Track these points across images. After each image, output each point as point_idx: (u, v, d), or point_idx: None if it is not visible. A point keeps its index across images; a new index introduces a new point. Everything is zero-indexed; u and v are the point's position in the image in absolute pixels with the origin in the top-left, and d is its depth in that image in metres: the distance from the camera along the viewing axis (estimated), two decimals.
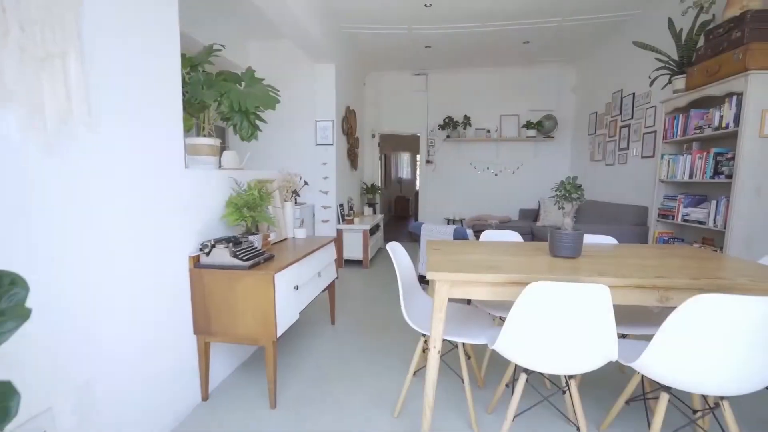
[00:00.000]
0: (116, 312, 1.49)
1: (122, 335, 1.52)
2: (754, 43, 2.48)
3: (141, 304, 1.62)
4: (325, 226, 4.87)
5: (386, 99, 6.83)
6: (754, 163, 2.57)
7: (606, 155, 5.13)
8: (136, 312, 1.59)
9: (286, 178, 2.81)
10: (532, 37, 4.93)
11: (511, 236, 2.48)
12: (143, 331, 1.63)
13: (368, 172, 7.01)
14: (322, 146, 4.73)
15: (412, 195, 12.20)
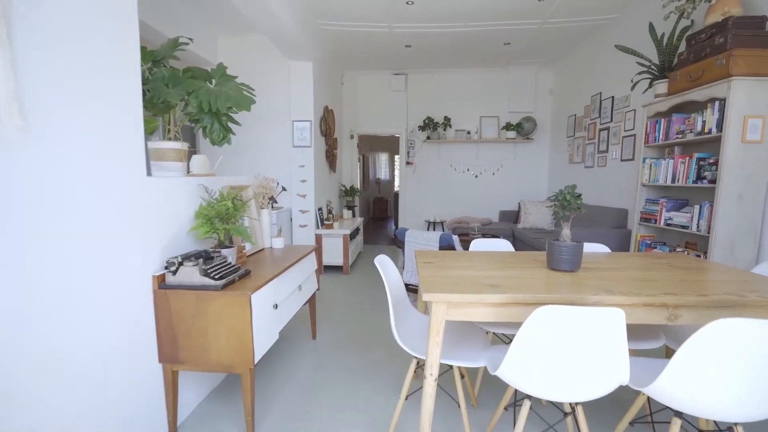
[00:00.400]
0: (66, 348, 1.27)
1: (74, 372, 1.30)
2: (737, 49, 2.49)
3: (96, 334, 1.39)
4: (303, 231, 4.66)
5: (365, 99, 6.67)
6: (737, 168, 2.58)
7: (585, 158, 5.17)
8: (91, 344, 1.37)
9: (262, 184, 2.61)
10: (513, 38, 4.90)
11: (502, 245, 2.38)
12: (100, 365, 1.41)
13: (347, 174, 6.83)
14: (300, 148, 4.52)
15: (390, 196, 12.09)
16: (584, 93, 5.21)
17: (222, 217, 1.90)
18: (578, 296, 1.35)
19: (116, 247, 1.49)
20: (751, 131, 2.56)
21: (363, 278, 4.62)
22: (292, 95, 4.44)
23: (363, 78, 6.62)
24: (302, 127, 4.46)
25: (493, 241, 2.38)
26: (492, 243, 2.38)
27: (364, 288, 4.20)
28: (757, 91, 2.54)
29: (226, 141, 1.88)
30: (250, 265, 2.10)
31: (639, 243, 3.50)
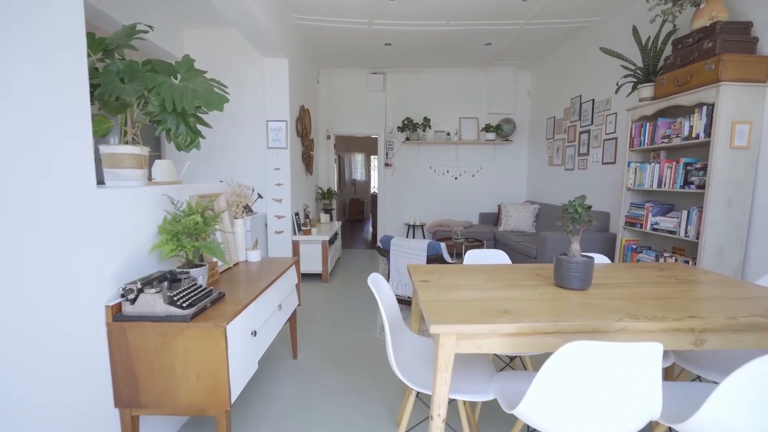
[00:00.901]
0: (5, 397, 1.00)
1: (17, 424, 1.03)
2: (725, 54, 2.47)
3: (35, 382, 1.12)
4: (279, 237, 4.39)
5: (342, 98, 6.44)
6: (726, 174, 2.57)
7: (565, 160, 5.18)
8: (35, 390, 1.10)
9: (236, 192, 2.35)
10: (495, 38, 4.82)
11: (497, 256, 2.24)
12: (41, 419, 1.14)
13: (323, 176, 6.58)
14: (275, 149, 4.25)
15: (367, 197, 11.89)
16: (563, 95, 5.21)
17: (190, 233, 1.64)
18: (602, 323, 1.22)
19: (59, 275, 1.22)
20: (738, 137, 2.55)
21: (343, 286, 4.40)
22: (266, 94, 4.15)
23: (340, 76, 6.39)
24: (277, 127, 4.19)
25: (487, 252, 2.24)
26: (486, 254, 2.24)
27: (345, 297, 3.99)
28: (744, 97, 2.53)
29: (195, 146, 1.63)
30: (223, 285, 1.86)
31: (624, 248, 3.48)
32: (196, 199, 1.92)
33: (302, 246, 4.48)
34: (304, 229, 4.50)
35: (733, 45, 2.52)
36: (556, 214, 5.12)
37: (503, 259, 2.23)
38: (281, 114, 4.20)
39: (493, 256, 2.23)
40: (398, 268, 3.06)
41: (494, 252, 2.24)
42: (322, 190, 6.09)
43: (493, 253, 2.24)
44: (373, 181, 12.18)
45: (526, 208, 5.57)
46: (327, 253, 4.52)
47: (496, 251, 2.25)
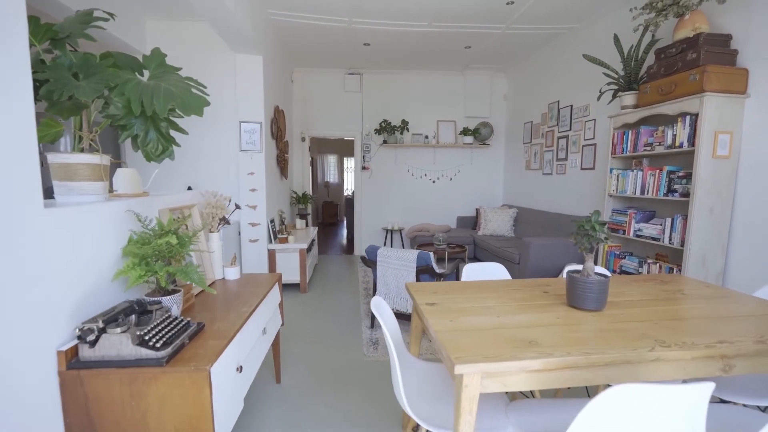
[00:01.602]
0: None
1: None
2: (710, 66, 2.51)
3: None
4: (254, 246, 4.11)
5: (317, 99, 6.20)
6: (709, 183, 2.62)
7: (543, 165, 5.23)
8: None
9: (212, 203, 2.11)
10: (475, 42, 4.78)
11: (496, 270, 2.14)
12: None
13: (298, 180, 6.31)
14: (249, 153, 3.97)
15: (340, 200, 11.66)
16: (541, 100, 5.26)
17: (162, 255, 1.41)
18: (634, 353, 1.13)
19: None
20: (721, 146, 2.60)
21: (323, 296, 4.19)
22: (238, 93, 3.87)
23: (315, 76, 6.15)
24: (251, 129, 3.92)
25: (486, 266, 2.14)
26: (485, 268, 2.13)
27: (326, 309, 3.79)
28: (726, 108, 2.58)
29: (167, 155, 1.40)
30: (200, 312, 1.63)
31: (607, 253, 3.51)
32: (168, 215, 1.68)
33: (279, 255, 4.23)
34: (281, 237, 4.25)
35: (716, 56, 2.57)
36: (534, 218, 5.16)
37: (502, 273, 2.14)
38: (255, 115, 3.93)
39: (492, 271, 2.13)
40: (386, 280, 2.91)
41: (492, 266, 2.14)
42: (297, 195, 5.83)
43: (491, 266, 2.14)
44: (346, 184, 11.96)
45: (505, 213, 5.59)
46: (305, 261, 4.29)
47: (494, 264, 2.15)
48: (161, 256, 1.43)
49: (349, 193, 11.84)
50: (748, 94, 2.58)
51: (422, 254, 2.79)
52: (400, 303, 2.87)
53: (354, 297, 4.16)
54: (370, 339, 3.00)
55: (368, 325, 3.26)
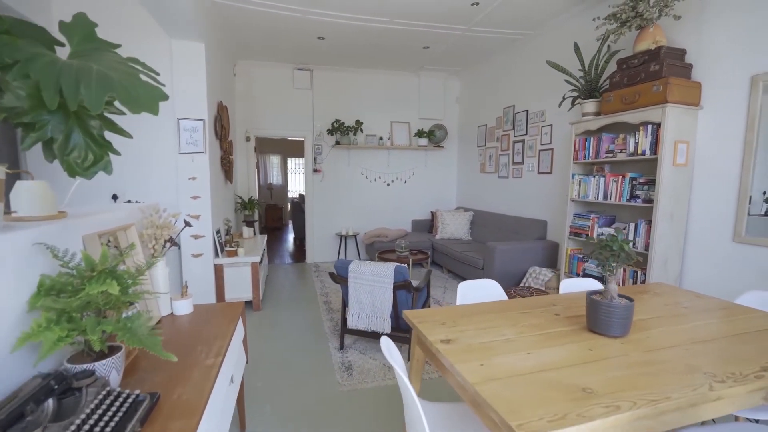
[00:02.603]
0: None
1: None
2: (672, 78, 2.61)
3: None
4: (198, 262, 3.58)
5: (263, 95, 5.69)
6: (670, 189, 2.73)
7: (499, 168, 5.30)
8: None
9: (155, 223, 1.68)
10: (434, 42, 4.67)
11: (491, 288, 1.99)
12: None
13: (243, 183, 5.75)
14: (189, 155, 3.44)
15: (284, 202, 11.05)
16: (495, 104, 5.33)
17: (98, 309, 1.01)
18: (696, 394, 1.01)
19: None
20: (679, 155, 2.73)
21: (280, 314, 3.78)
22: (176, 86, 3.32)
23: (260, 70, 5.63)
24: (192, 127, 3.39)
25: (479, 284, 1.97)
26: (480, 286, 1.97)
27: (286, 328, 3.40)
28: (683, 118, 2.71)
29: (102, 167, 1.00)
30: (150, 372, 1.23)
31: (570, 257, 3.58)
32: (97, 240, 1.25)
33: (227, 270, 3.73)
34: (229, 250, 3.76)
35: (676, 69, 2.68)
36: (491, 221, 5.21)
37: (496, 290, 1.98)
38: (197, 111, 3.41)
39: (487, 290, 1.97)
40: (359, 298, 2.64)
41: (485, 283, 1.98)
42: (242, 200, 5.28)
43: (485, 284, 1.98)
44: (291, 185, 11.37)
45: (461, 216, 5.58)
46: (258, 276, 3.84)
47: (488, 281, 1.99)
48: (91, 306, 1.02)
49: (295, 195, 11.28)
50: (701, 106, 2.74)
51: (399, 268, 2.56)
52: (376, 323, 2.62)
53: (314, 312, 3.82)
54: (342, 363, 2.70)
55: (337, 347, 2.96)
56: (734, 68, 2.55)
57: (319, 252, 6.18)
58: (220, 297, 3.72)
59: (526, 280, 3.95)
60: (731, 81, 2.56)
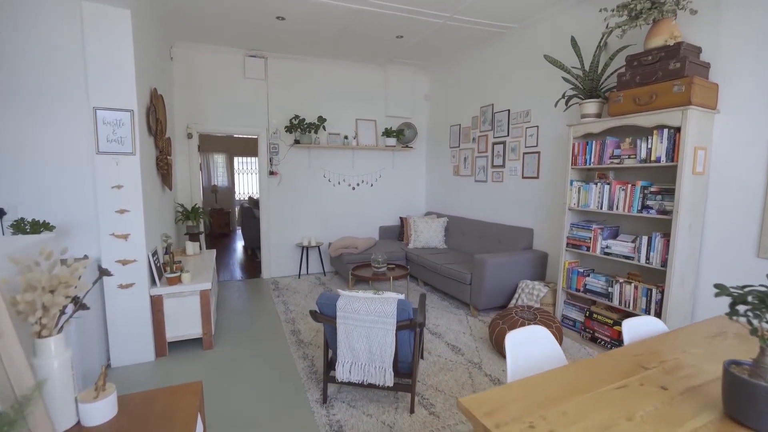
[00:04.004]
0: None
1: None
2: (697, 78, 2.36)
3: None
4: (127, 295, 2.77)
5: (207, 84, 4.84)
6: (689, 200, 2.50)
7: (475, 171, 4.96)
8: None
9: (38, 282, 0.99)
10: (410, 31, 4.19)
11: (541, 337, 1.54)
12: None
13: (184, 189, 4.86)
14: (113, 156, 2.62)
15: (231, 206, 10.01)
16: (471, 103, 4.98)
17: None
18: None
19: None
20: (698, 163, 2.50)
21: (238, 353, 3.08)
22: (91, 64, 2.49)
23: (205, 55, 4.77)
24: (116, 120, 2.58)
25: (529, 334, 1.52)
26: (529, 337, 1.51)
27: (248, 374, 2.73)
28: (703, 122, 2.49)
29: None
30: None
31: (569, 271, 3.29)
32: None
33: (169, 302, 2.95)
34: (170, 276, 2.98)
35: (696, 68, 2.44)
36: (468, 228, 4.86)
37: (547, 340, 1.54)
38: (122, 99, 2.60)
39: (537, 340, 1.52)
40: (351, 343, 2.07)
41: (535, 332, 1.53)
42: (184, 209, 4.42)
43: (535, 333, 1.53)
44: (238, 187, 10.33)
45: (435, 222, 5.18)
46: (209, 306, 3.10)
47: (536, 330, 1.54)
48: None
49: (244, 198, 10.26)
50: (717, 110, 2.53)
51: (403, 304, 2.04)
52: (375, 374, 2.07)
53: (281, 346, 3.16)
54: (329, 425, 2.12)
55: (318, 398, 2.37)
56: (756, 68, 2.35)
57: (277, 265, 5.44)
58: (160, 337, 2.93)
59: (519, 296, 3.62)
60: (753, 82, 2.37)
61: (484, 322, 3.62)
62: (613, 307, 2.98)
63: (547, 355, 1.51)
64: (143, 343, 2.85)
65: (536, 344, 1.49)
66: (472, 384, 2.55)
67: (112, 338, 2.75)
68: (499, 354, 2.96)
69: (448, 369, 2.75)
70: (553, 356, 1.50)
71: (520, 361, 1.44)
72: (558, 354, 1.52)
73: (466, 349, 3.06)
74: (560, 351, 1.53)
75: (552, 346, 1.52)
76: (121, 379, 2.63)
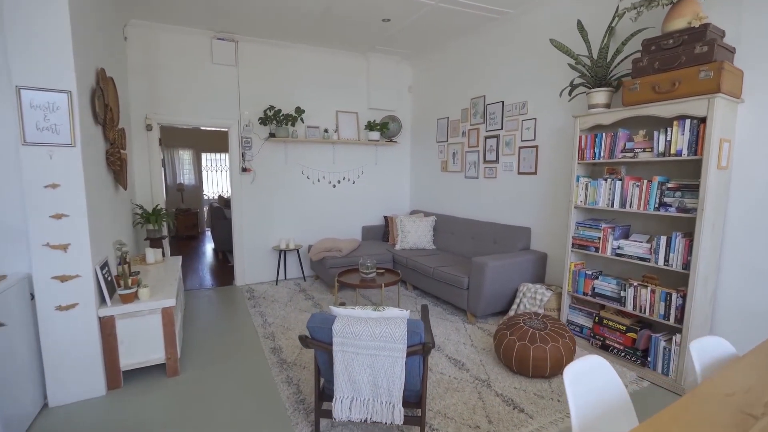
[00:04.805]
0: None
1: None
2: (726, 63, 2.14)
3: None
4: (67, 319, 2.27)
5: (169, 69, 4.29)
6: (714, 197, 2.29)
7: (465, 167, 4.68)
8: None
9: None
10: (398, 13, 3.83)
11: (600, 369, 1.24)
12: None
13: (143, 187, 4.30)
14: (45, 147, 2.12)
15: (200, 206, 9.33)
16: (460, 94, 4.69)
17: None
18: None
19: None
20: (723, 156, 2.30)
21: (208, 379, 2.63)
22: (9, 28, 1.98)
23: (164, 35, 4.22)
24: (48, 103, 2.08)
25: (588, 366, 1.21)
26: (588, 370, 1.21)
27: (221, 406, 2.31)
28: (727, 112, 2.29)
29: None
30: None
31: (575, 273, 3.06)
32: None
33: (122, 324, 2.47)
34: (124, 293, 2.49)
35: (724, 53, 2.23)
36: (459, 228, 4.58)
37: (608, 374, 1.24)
38: (56, 77, 2.10)
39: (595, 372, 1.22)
40: (352, 374, 1.71)
41: (595, 362, 1.23)
42: (144, 211, 3.88)
43: (594, 365, 1.23)
44: (207, 186, 9.65)
45: (423, 222, 4.87)
46: (173, 326, 2.64)
47: (595, 360, 1.24)
48: None
49: (213, 197, 9.59)
50: (742, 98, 2.34)
51: (413, 325, 1.70)
52: (381, 410, 1.72)
53: (259, 367, 2.75)
54: None
55: (311, 429, 2.00)
56: None
57: (251, 271, 4.96)
58: (112, 366, 2.45)
59: (520, 301, 3.37)
60: None
61: (484, 330, 3.34)
62: (625, 311, 2.77)
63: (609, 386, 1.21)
64: (90, 374, 2.36)
65: (596, 379, 1.19)
66: (484, 407, 2.25)
67: (48, 372, 2.24)
68: (507, 368, 2.68)
69: (454, 389, 2.44)
70: (616, 394, 1.20)
71: (580, 401, 1.13)
72: (621, 390, 1.22)
73: (470, 364, 2.76)
74: (621, 385, 1.23)
75: (614, 379, 1.22)
76: (60, 422, 2.14)
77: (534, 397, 2.35)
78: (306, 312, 3.84)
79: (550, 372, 2.49)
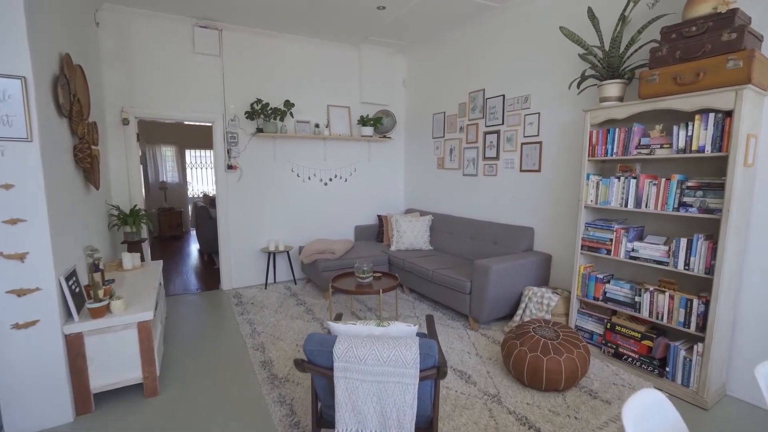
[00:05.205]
0: None
1: None
2: (757, 51, 1.98)
3: None
4: (26, 338, 2.00)
5: (146, 59, 3.97)
6: (740, 197, 2.14)
7: (464, 164, 4.49)
8: None
9: None
10: (392, 1, 3.59)
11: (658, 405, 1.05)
12: None
13: (120, 187, 3.98)
14: None
15: (184, 205, 8.96)
16: (458, 88, 4.49)
17: None
18: None
19: None
20: (750, 153, 2.15)
21: (191, 400, 2.38)
22: None
23: (140, 21, 3.90)
24: None
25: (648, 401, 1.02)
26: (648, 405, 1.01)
27: (202, 428, 2.07)
28: (754, 106, 2.13)
29: None
30: None
31: (585, 277, 2.90)
32: None
33: (92, 341, 2.20)
34: (93, 307, 2.21)
35: (753, 41, 2.06)
36: (457, 227, 4.39)
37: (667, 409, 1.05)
38: (6, 60, 1.81)
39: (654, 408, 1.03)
40: (356, 404, 1.49)
41: (653, 399, 1.04)
42: (120, 212, 3.57)
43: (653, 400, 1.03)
44: (192, 184, 9.27)
45: (419, 221, 4.67)
46: (151, 342, 2.38)
47: (653, 393, 1.05)
48: None
49: (198, 196, 9.22)
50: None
51: (425, 346, 1.49)
52: None
53: (249, 385, 2.51)
54: None
55: None
56: None
57: (239, 274, 4.69)
58: (81, 389, 2.18)
59: (526, 306, 3.19)
60: None
61: (488, 338, 3.16)
62: (639, 317, 2.61)
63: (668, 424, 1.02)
64: (56, 398, 2.09)
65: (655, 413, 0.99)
66: (497, 428, 2.06)
67: (4, 396, 1.97)
68: (517, 381, 2.50)
69: (462, 406, 2.24)
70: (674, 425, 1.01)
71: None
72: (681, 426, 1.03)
73: (476, 376, 2.57)
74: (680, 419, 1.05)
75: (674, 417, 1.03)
76: None
77: (549, 414, 2.17)
78: (298, 319, 3.60)
79: (565, 385, 2.32)
